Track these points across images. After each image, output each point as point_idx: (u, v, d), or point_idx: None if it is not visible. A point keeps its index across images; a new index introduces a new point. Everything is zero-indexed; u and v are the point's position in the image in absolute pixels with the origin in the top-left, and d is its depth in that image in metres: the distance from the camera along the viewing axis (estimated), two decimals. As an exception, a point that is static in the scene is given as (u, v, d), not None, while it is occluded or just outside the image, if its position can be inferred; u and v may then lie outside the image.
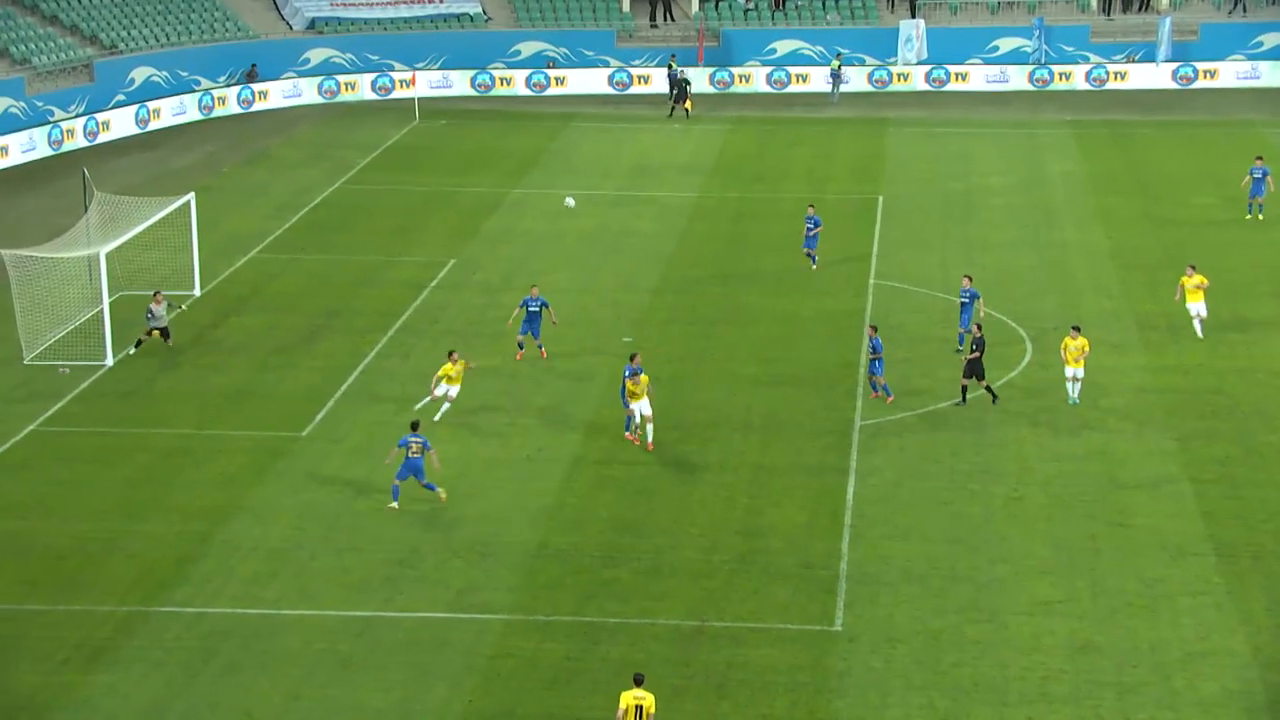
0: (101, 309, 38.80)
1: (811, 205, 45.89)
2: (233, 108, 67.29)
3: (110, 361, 38.41)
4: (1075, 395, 35.55)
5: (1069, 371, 35.55)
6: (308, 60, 70.13)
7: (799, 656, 25.73)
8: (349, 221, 51.52)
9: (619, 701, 22.80)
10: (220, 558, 28.83)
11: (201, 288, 43.86)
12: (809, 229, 45.13)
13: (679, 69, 67.82)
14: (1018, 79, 71.43)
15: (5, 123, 59.18)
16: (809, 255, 45.16)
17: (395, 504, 30.70)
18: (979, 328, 35.67)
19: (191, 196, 43.99)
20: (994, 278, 45.02)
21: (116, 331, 38.97)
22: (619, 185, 55.85)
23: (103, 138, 62.04)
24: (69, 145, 60.53)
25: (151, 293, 39.74)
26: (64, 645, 25.91)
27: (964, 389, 35.47)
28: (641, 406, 33.02)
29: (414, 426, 31.02)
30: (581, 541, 29.50)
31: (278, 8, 72.28)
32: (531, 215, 52.13)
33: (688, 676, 25.17)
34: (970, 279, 38.93)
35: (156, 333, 38.76)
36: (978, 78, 71.47)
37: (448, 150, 61.32)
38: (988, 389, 35.44)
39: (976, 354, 35.10)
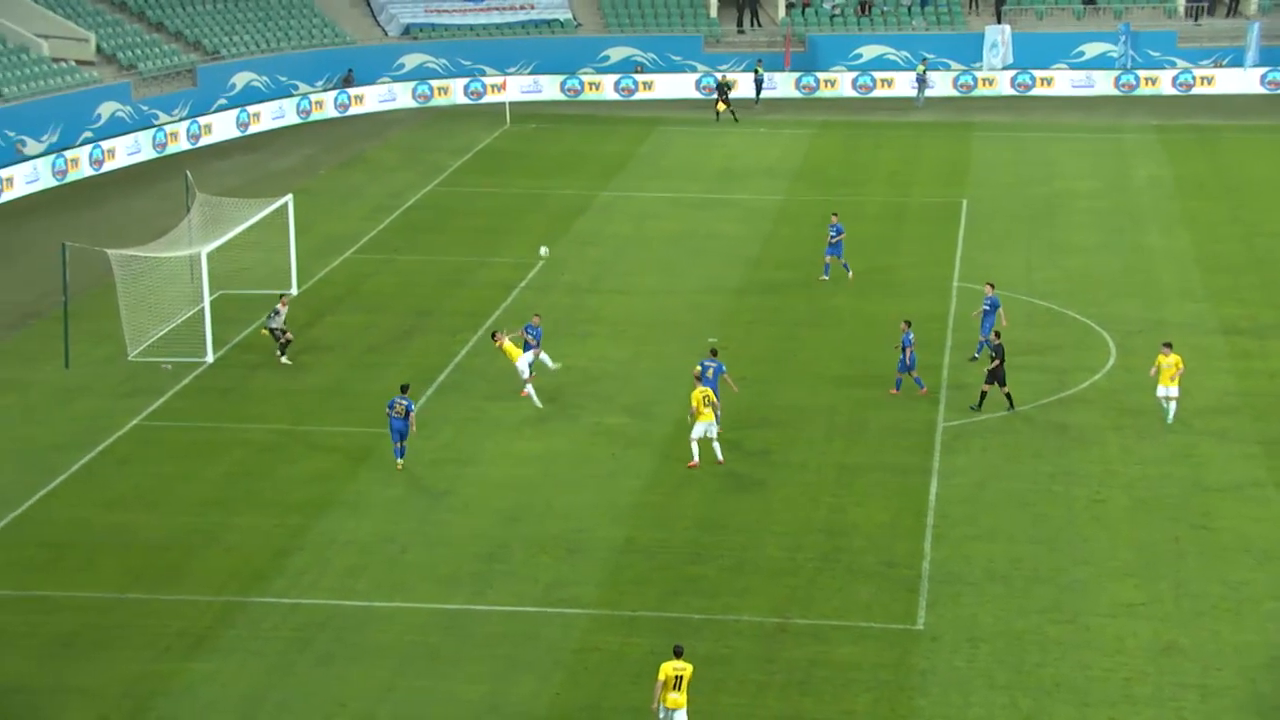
0: (202, 307, 39.30)
1: (835, 213, 45.03)
2: (330, 112, 67.97)
3: (210, 358, 38.90)
4: (1171, 415, 34.23)
5: (1162, 391, 34.13)
6: (402, 65, 70.70)
7: (881, 654, 25.56)
8: (441, 223, 51.85)
9: (659, 672, 22.93)
10: (315, 550, 29.11)
11: (298, 287, 44.31)
12: (831, 236, 44.23)
13: (726, 75, 67.86)
14: (1103, 84, 70.57)
15: (113, 126, 60.20)
16: (827, 264, 44.04)
17: (401, 461, 32.14)
18: (997, 335, 35.24)
19: (289, 198, 44.48)
20: (1078, 281, 44.55)
21: (217, 329, 39.46)
22: (705, 188, 55.80)
23: (205, 141, 62.89)
24: (173, 148, 61.43)
25: (279, 295, 40.09)
26: (165, 634, 26.27)
27: (983, 394, 34.95)
28: (709, 427, 32.16)
29: (404, 389, 32.40)
30: (667, 538, 29.49)
31: (374, 14, 72.94)
32: (618, 218, 52.20)
33: (771, 673, 25.09)
34: (993, 286, 38.58)
35: (266, 332, 39.03)
36: (1063, 83, 70.70)
37: (537, 154, 61.53)
38: (1007, 397, 34.91)
39: (997, 362, 34.61)
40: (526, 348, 35.89)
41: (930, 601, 27.15)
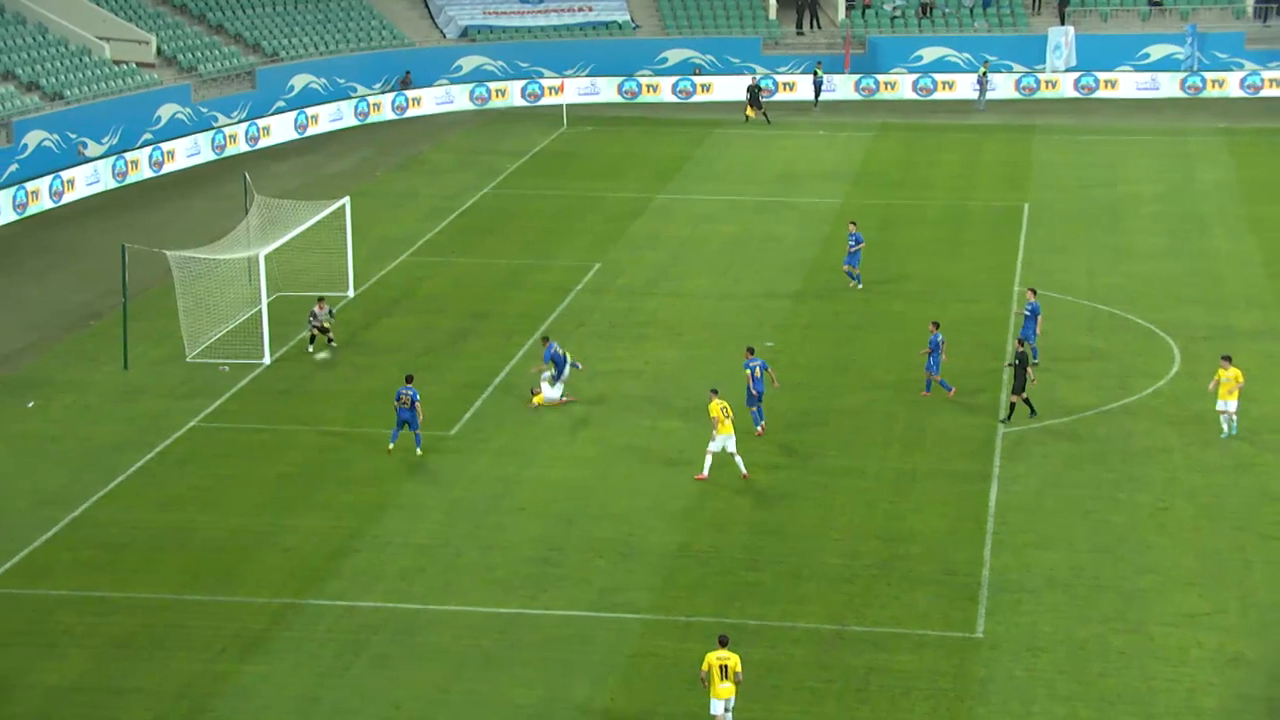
0: (260, 309, 39.58)
1: (853, 222, 44.68)
2: (387, 114, 68.35)
3: (268, 360, 39.15)
4: (1230, 429, 33.63)
5: (1221, 405, 33.48)
6: (460, 68, 71.00)
7: (940, 663, 25.40)
8: (497, 226, 52.01)
9: (703, 663, 22.96)
10: (371, 553, 29.24)
11: (355, 289, 44.56)
12: (850, 246, 43.90)
13: (756, 78, 67.81)
14: (1169, 86, 69.91)
15: (173, 128, 60.78)
16: (849, 273, 43.84)
17: (392, 445, 32.97)
18: (1021, 343, 34.93)
19: (347, 200, 44.73)
20: (1141, 286, 44.16)
21: (274, 331, 39.73)
22: (763, 191, 55.71)
23: (263, 143, 63.39)
24: (231, 150, 61.95)
25: (316, 297, 40.36)
26: (221, 635, 26.45)
27: (1012, 406, 34.60)
28: (728, 441, 31.81)
29: (408, 380, 32.92)
30: (722, 544, 29.43)
31: (432, 16, 73.30)
32: (676, 221, 52.19)
33: (828, 680, 24.98)
34: (1034, 292, 38.29)
35: (317, 331, 39.39)
36: (1128, 85, 70.10)
37: (594, 156, 61.64)
38: (1026, 402, 34.54)
39: (1016, 366, 34.27)
40: (556, 378, 35.66)
41: (990, 609, 26.95)
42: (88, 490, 32.00)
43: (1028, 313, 37.78)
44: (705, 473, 31.95)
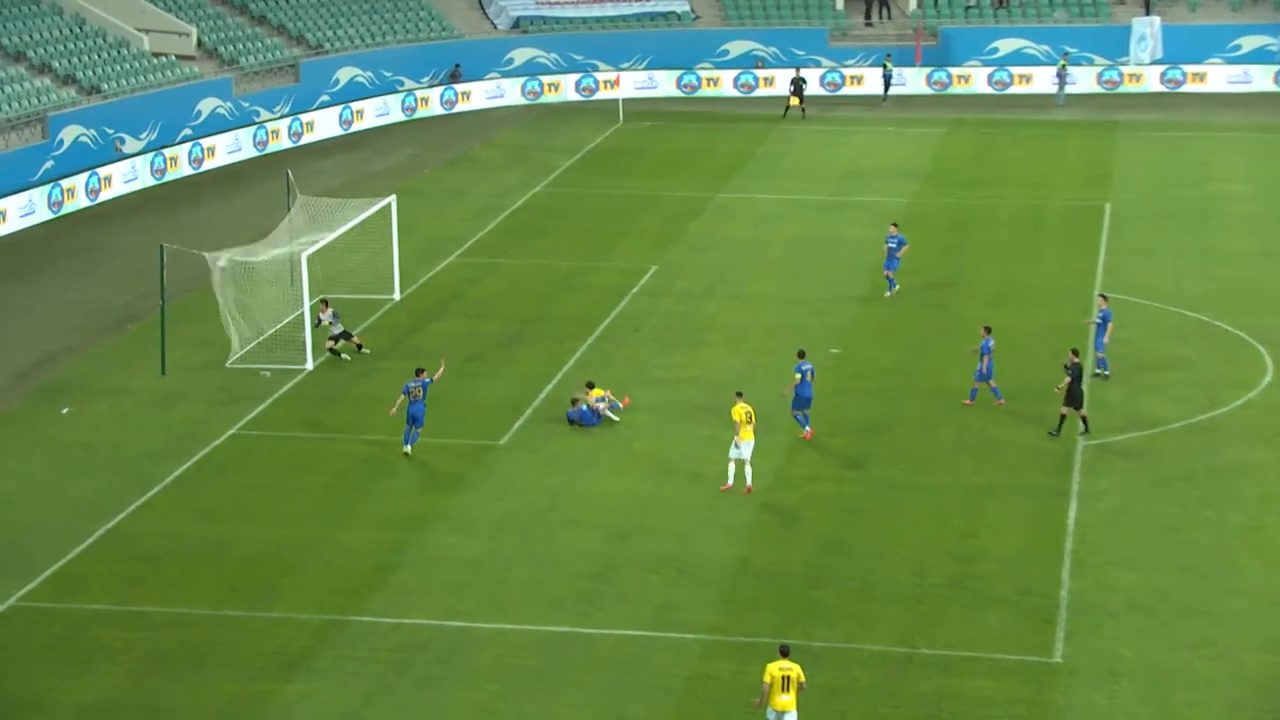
0: (302, 312, 39.80)
1: (895, 224, 44.44)
2: (436, 109, 68.64)
3: (310, 365, 39.36)
4: None
5: None
6: (511, 60, 71.19)
7: (1015, 689, 25.22)
8: (550, 226, 52.10)
9: (764, 674, 22.96)
10: (416, 568, 29.34)
11: (400, 291, 44.73)
12: (890, 248, 43.48)
13: (800, 69, 67.65)
14: (1262, 80, 69.18)
15: (213, 123, 61.26)
16: (889, 279, 43.55)
17: (409, 448, 33.54)
18: (1075, 353, 34.45)
19: (393, 199, 44.92)
20: (1231, 291, 43.71)
21: (317, 335, 39.94)
22: (828, 190, 55.55)
23: (307, 139, 63.79)
24: (273, 146, 62.37)
25: (321, 301, 40.41)
26: (261, 652, 26.59)
27: (1062, 419, 34.24)
28: (746, 449, 31.87)
29: (418, 372, 33.60)
30: (784, 560, 29.35)
31: (482, 7, 73.51)
32: (736, 221, 52.13)
33: (896, 706, 24.85)
34: (1105, 298, 37.91)
35: (340, 341, 39.49)
36: (1217, 78, 69.40)
37: (652, 153, 61.67)
38: (1082, 420, 34.23)
39: (1070, 381, 33.88)
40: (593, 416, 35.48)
41: (1068, 633, 26.74)
42: (123, 500, 32.27)
43: (1098, 320, 37.47)
44: (730, 480, 32.03)
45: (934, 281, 45.21)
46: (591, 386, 35.98)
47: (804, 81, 66.80)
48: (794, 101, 66.17)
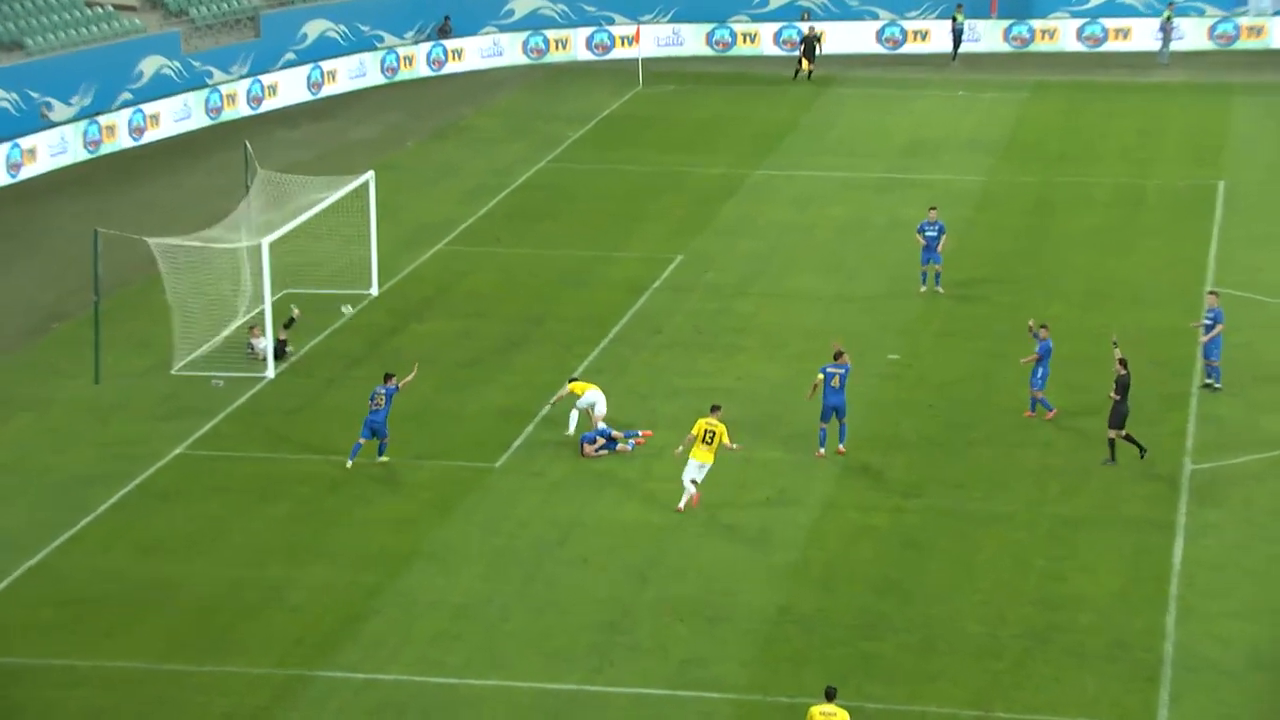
0: (263, 309, 39.80)
1: (933, 208, 44.23)
2: (421, 69, 68.73)
3: (272, 373, 39.38)
4: None
5: None
6: (511, 12, 71.26)
7: (1109, 761, 25.17)
8: (556, 208, 52.08)
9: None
10: (396, 614, 29.30)
11: (380, 285, 44.73)
12: (928, 236, 43.23)
13: (815, 26, 67.70)
14: (1404, 33, 69.03)
15: (158, 86, 61.33)
16: (925, 274, 43.48)
17: (350, 463, 34.26)
18: (1123, 363, 34.14)
19: (370, 176, 44.94)
20: (1368, 287, 43.63)
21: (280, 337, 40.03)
22: (886, 166, 55.51)
23: (268, 105, 63.93)
24: (229, 113, 62.49)
25: (249, 327, 40.46)
26: (211, 713, 26.54)
27: (1111, 443, 34.09)
28: (702, 469, 32.21)
29: (387, 378, 34.37)
30: (834, 606, 29.27)
31: (476, -51, 73.60)
32: (777, 202, 52.09)
33: (966, 781, 24.82)
34: (1216, 295, 37.88)
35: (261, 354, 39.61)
36: (1350, 32, 69.28)
37: (677, 122, 61.64)
38: (1129, 439, 33.97)
39: (1118, 399, 33.73)
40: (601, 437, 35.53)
41: (1174, 694, 26.64)
42: (49, 533, 32.24)
43: (1207, 322, 37.35)
44: (684, 502, 32.40)
45: (1011, 276, 45.08)
46: (573, 380, 36.41)
47: (818, 40, 66.81)
48: (805, 65, 66.17)
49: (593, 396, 35.86)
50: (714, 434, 32.35)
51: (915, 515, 32.47)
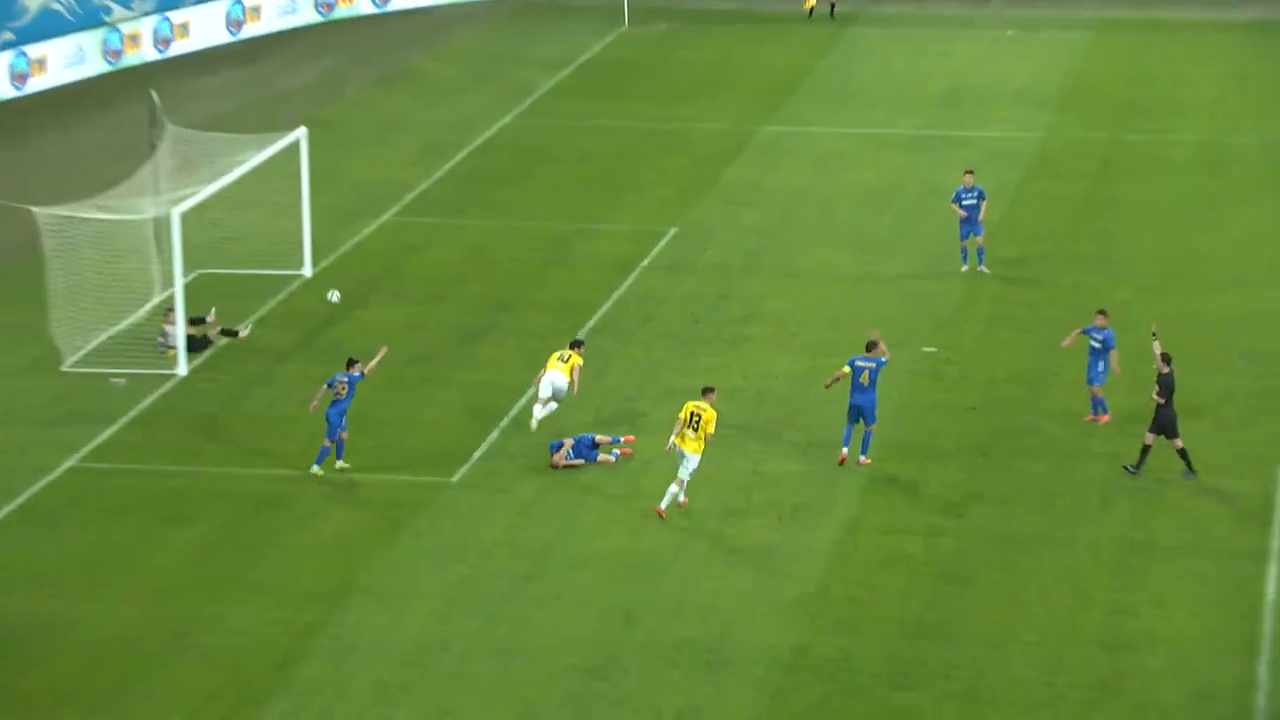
0: (173, 293, 39.71)
1: (969, 171, 44.30)
2: (363, 6, 68.67)
3: (184, 370, 39.31)
4: None
5: None
6: (470, -64, 71.16)
7: (1189, 835, 25.24)
8: (527, 172, 52.06)
9: None
10: (333, 659, 29.23)
11: (314, 265, 44.68)
12: (966, 205, 43.35)
13: None
14: None
15: (46, 24, 61.12)
16: (965, 250, 43.77)
17: (318, 469, 34.57)
18: (1166, 359, 34.19)
19: (303, 133, 44.87)
20: None
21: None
22: (920, 121, 55.57)
23: (179, 47, 63.80)
24: (131, 57, 62.35)
25: (165, 310, 40.45)
26: (110, 778, 26.58)
27: (1144, 449, 34.25)
28: (691, 463, 32.62)
29: (350, 364, 34.60)
30: (859, 649, 29.25)
31: None
32: (790, 164, 52.08)
33: None
34: None
35: (171, 353, 39.58)
36: None
37: (670, 68, 61.62)
38: (1180, 455, 34.11)
39: (1162, 401, 33.86)
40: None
41: (1266, 755, 26.73)
42: (-83, 561, 32.23)
43: None
44: (663, 505, 32.86)
45: (1071, 253, 45.11)
46: (578, 345, 36.85)
47: None
48: (811, 1, 66.30)
49: (549, 379, 36.12)
50: (699, 418, 32.38)
51: (955, 539, 32.46)
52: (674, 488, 32.81)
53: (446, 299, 43.24)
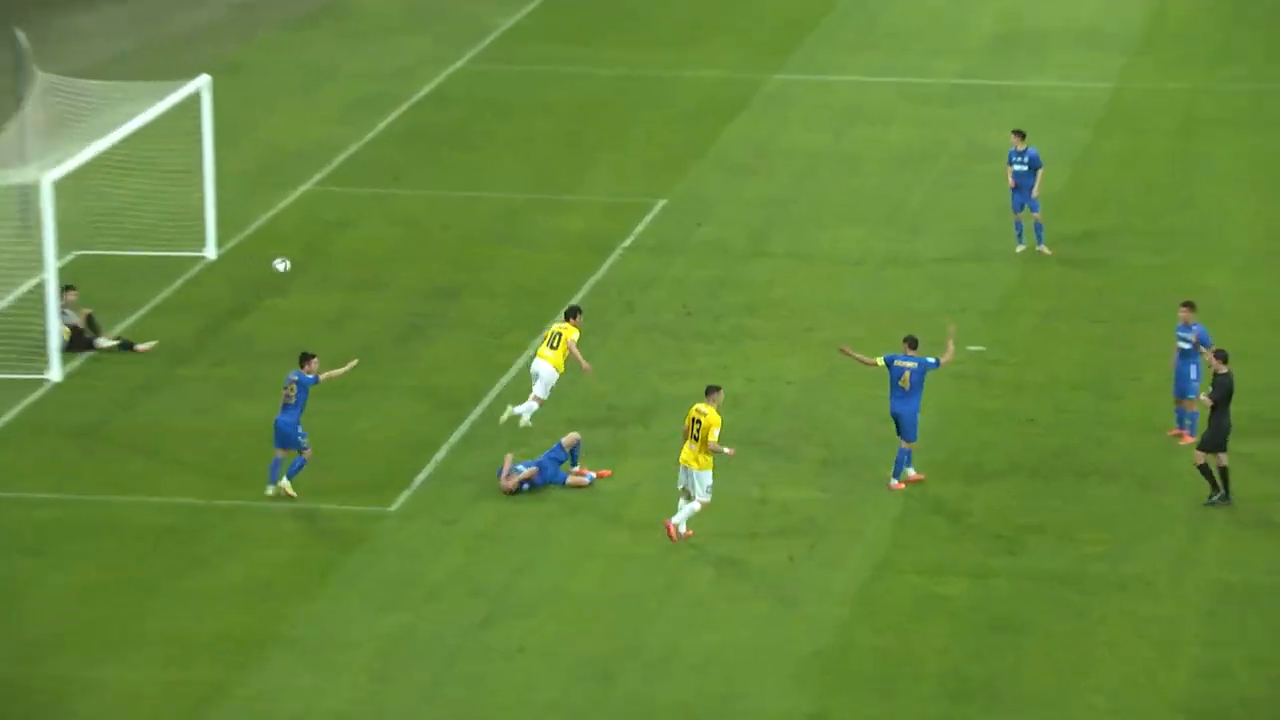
0: (44, 280, 39.67)
1: (1019, 132, 44.36)
2: (278, -73, 68.68)
3: (57, 374, 39.24)
4: None
5: None
6: None
7: None
8: (481, 131, 52.11)
9: None
10: (243, 727, 29.28)
11: (219, 246, 44.61)
12: (1017, 172, 43.59)
13: None
14: None
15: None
16: (1020, 225, 44.11)
17: (272, 489, 34.83)
18: (1221, 357, 34.34)
19: (205, 82, 44.83)
20: None
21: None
22: (962, 68, 55.71)
23: (53, -22, 63.79)
24: (-6, -9, 62.35)
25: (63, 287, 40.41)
26: None
27: (1222, 472, 34.40)
28: (703, 478, 32.90)
29: (304, 360, 35.10)
30: (890, 714, 29.27)
31: None
32: (802, 120, 52.16)
33: None
34: None
35: (68, 330, 39.57)
36: None
37: (655, 2, 61.54)
38: (1220, 473, 34.29)
39: (1213, 404, 34.08)
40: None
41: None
42: None
43: None
44: (675, 523, 33.28)
45: (1149, 228, 45.21)
46: (574, 313, 36.96)
47: None
48: None
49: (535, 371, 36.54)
50: (700, 425, 32.34)
51: (1007, 580, 32.48)
52: (686, 512, 33.10)
53: (382, 286, 43.25)
